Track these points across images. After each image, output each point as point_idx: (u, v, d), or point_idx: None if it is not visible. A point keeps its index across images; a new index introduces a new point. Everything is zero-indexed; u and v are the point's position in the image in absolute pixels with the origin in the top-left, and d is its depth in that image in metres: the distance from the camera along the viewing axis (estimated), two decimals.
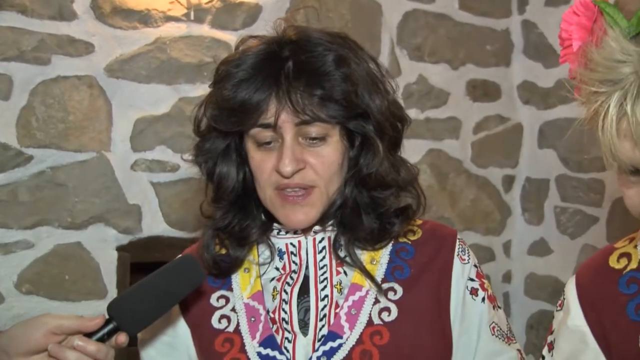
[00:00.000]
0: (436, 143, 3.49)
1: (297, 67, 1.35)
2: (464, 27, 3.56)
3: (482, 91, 3.63)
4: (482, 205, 3.65)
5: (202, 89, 2.84)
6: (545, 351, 1.44)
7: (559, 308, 1.42)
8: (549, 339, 1.43)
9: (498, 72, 3.69)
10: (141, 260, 2.81)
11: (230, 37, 2.91)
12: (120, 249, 2.78)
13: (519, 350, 1.51)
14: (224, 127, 1.41)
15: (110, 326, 1.27)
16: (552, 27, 3.47)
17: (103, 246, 2.74)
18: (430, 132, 3.46)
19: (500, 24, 3.68)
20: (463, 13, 3.55)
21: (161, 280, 1.32)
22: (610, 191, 3.42)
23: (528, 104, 3.73)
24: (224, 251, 1.51)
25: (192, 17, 2.85)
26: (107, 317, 1.28)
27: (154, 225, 2.84)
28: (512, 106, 3.73)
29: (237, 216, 1.48)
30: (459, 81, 3.56)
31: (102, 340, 1.26)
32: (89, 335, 1.26)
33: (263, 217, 1.50)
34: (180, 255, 1.44)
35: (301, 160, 1.37)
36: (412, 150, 3.31)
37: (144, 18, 2.77)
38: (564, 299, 1.40)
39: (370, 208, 1.44)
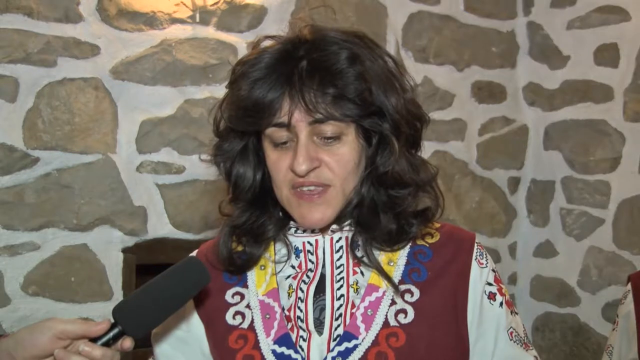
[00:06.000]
0: (441, 145, 3.49)
1: (311, 66, 1.34)
2: (469, 28, 3.56)
3: (488, 93, 3.63)
4: (488, 207, 3.65)
5: (207, 91, 2.85)
6: None
7: None
8: None
9: (503, 74, 3.68)
10: (147, 262, 2.81)
11: (236, 39, 2.91)
12: (125, 250, 2.78)
13: (535, 357, 1.49)
14: (240, 127, 1.40)
15: (116, 330, 1.27)
16: (557, 28, 3.46)
17: (109, 248, 2.74)
18: (436, 134, 3.46)
19: (505, 26, 3.68)
20: (468, 14, 3.55)
21: (166, 284, 1.32)
22: (616, 193, 3.41)
23: (533, 106, 3.73)
24: (240, 248, 1.50)
25: (197, 19, 2.86)
26: (112, 321, 1.28)
27: (160, 227, 2.84)
28: (517, 108, 3.73)
29: (254, 214, 1.48)
30: (464, 83, 3.56)
31: (107, 345, 1.26)
32: (94, 340, 1.26)
33: (280, 214, 1.49)
34: (185, 258, 1.43)
35: (316, 158, 1.35)
36: None
37: (150, 20, 2.78)
38: None
39: (387, 207, 1.43)
